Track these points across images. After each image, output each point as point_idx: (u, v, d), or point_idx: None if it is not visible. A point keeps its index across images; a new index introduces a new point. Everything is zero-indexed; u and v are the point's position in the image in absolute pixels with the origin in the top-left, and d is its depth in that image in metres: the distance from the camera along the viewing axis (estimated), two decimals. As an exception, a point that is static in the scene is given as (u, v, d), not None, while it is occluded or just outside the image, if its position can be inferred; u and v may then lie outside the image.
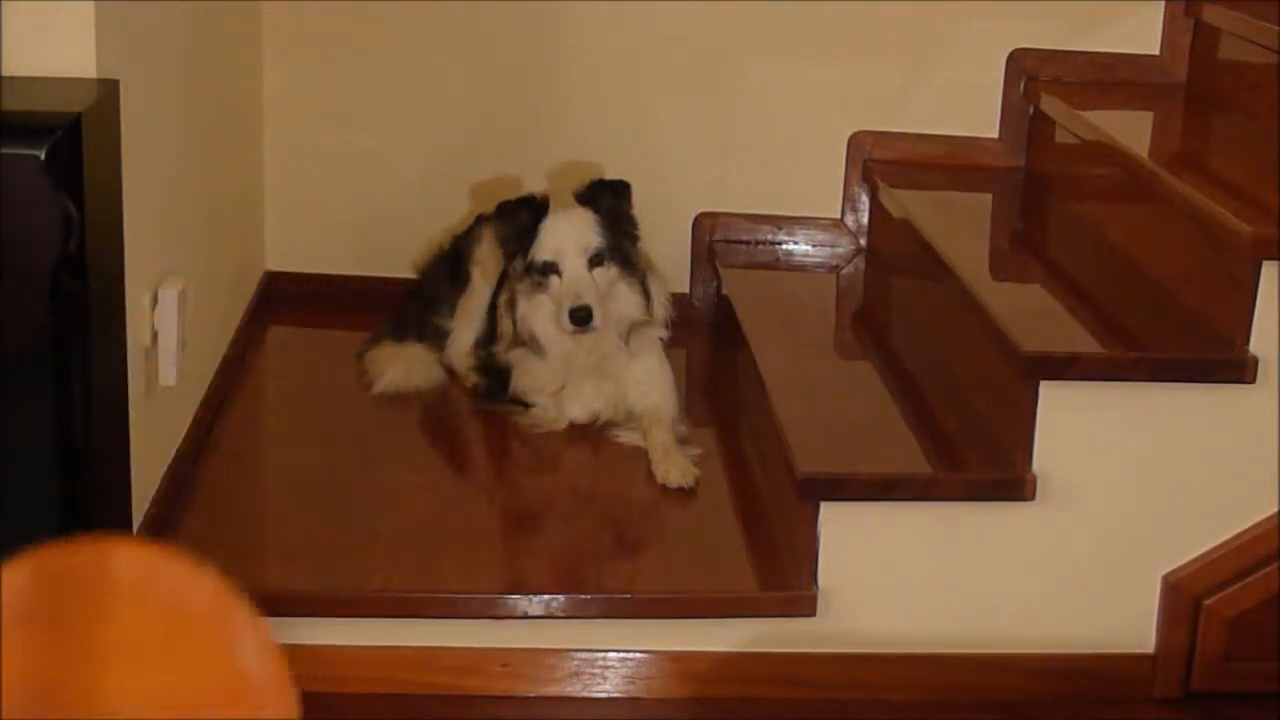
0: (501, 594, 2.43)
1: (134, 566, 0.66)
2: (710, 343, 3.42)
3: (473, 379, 3.09)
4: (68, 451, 1.95)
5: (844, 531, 2.43)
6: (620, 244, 2.86)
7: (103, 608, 0.65)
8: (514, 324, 2.92)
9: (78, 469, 1.97)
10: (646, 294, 2.91)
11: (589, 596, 2.45)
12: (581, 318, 2.76)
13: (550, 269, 2.83)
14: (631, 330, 2.90)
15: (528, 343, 2.91)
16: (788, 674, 2.47)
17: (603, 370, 2.92)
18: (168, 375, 2.48)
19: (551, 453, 2.90)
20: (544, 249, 2.83)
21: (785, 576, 2.48)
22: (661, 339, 2.98)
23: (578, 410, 2.95)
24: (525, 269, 2.86)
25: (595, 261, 2.83)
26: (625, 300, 2.88)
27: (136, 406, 2.28)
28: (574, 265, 2.81)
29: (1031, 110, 3.36)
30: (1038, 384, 2.39)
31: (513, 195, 2.98)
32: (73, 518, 1.97)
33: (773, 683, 2.47)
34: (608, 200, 2.87)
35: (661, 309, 2.98)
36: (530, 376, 2.96)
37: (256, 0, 3.36)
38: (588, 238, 2.83)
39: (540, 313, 2.87)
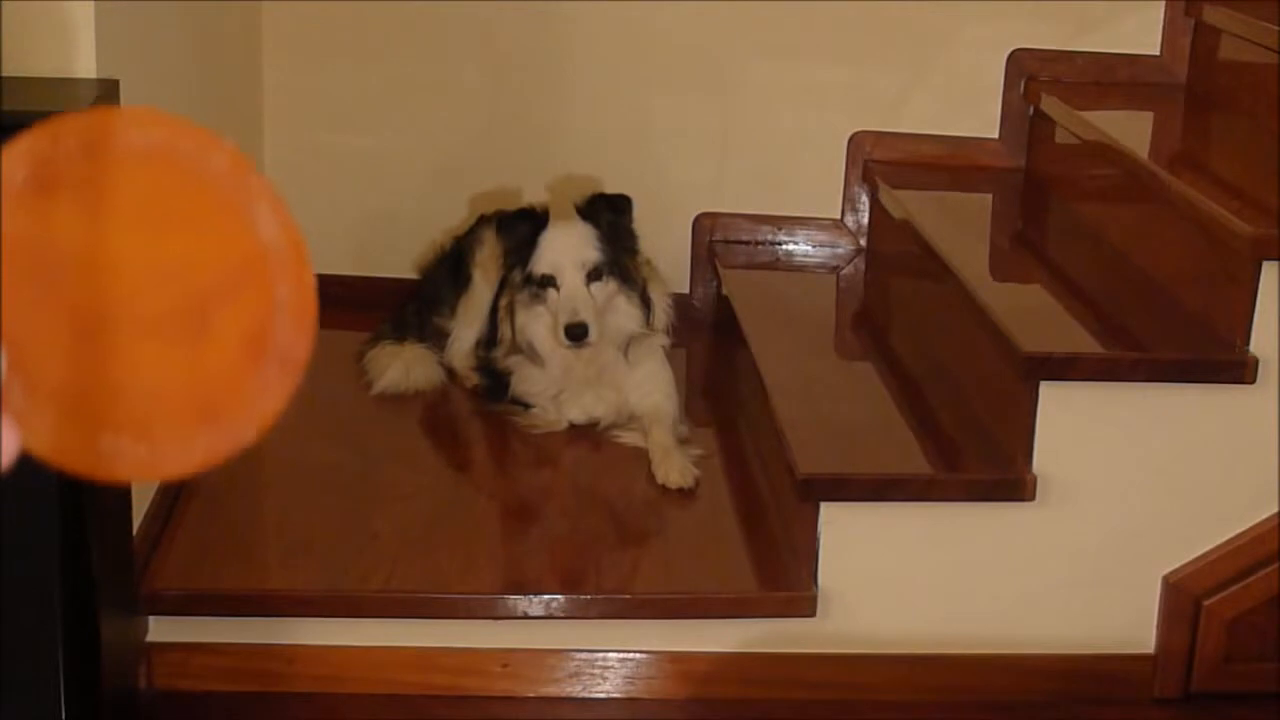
0: (501, 594, 2.43)
1: (151, 131, 0.64)
2: (710, 343, 3.42)
3: (473, 379, 3.09)
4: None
5: (844, 531, 2.43)
6: (619, 258, 2.86)
7: (121, 172, 0.64)
8: (513, 331, 2.92)
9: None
10: (647, 305, 2.91)
11: (589, 597, 2.45)
12: (577, 334, 2.76)
13: (548, 282, 2.83)
14: (631, 342, 2.90)
15: (525, 352, 2.91)
16: (788, 674, 2.47)
17: (602, 380, 2.92)
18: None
19: (551, 453, 2.90)
20: (543, 262, 2.83)
21: (785, 576, 2.48)
22: (663, 346, 2.98)
23: (577, 413, 2.96)
24: (524, 280, 2.87)
25: (593, 276, 2.83)
26: (624, 314, 2.88)
27: (136, 406, 2.28)
28: (572, 279, 2.81)
29: (1031, 110, 3.36)
30: (1038, 384, 2.39)
31: (513, 206, 2.98)
32: (74, 517, 1.97)
33: (773, 683, 2.47)
34: (608, 215, 2.88)
35: (664, 316, 2.98)
36: (529, 382, 2.96)
37: (256, 0, 3.36)
38: (586, 252, 2.83)
39: (538, 324, 2.87)
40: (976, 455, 2.53)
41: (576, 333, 2.76)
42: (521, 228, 2.89)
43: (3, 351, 0.62)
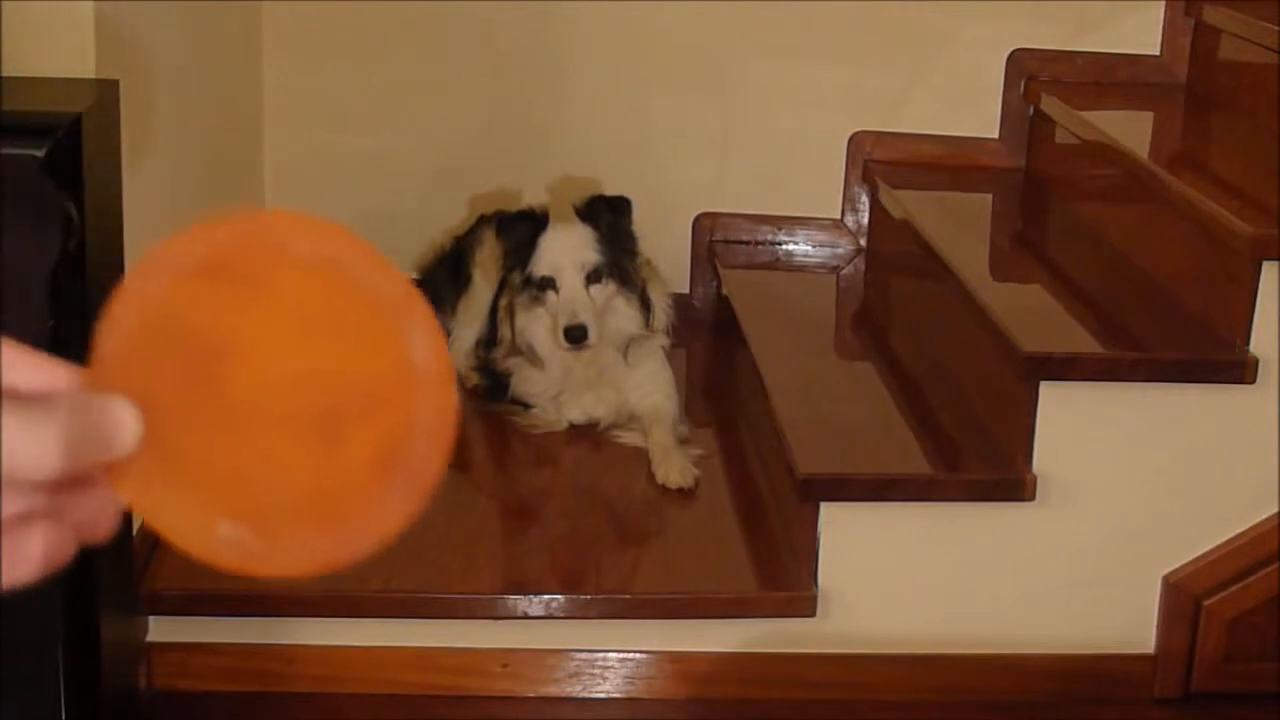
0: (501, 594, 2.43)
1: (325, 245, 0.66)
2: (710, 343, 3.42)
3: (473, 379, 3.09)
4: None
5: (844, 531, 2.43)
6: (619, 260, 2.86)
7: (289, 276, 0.66)
8: (512, 332, 2.93)
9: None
10: (647, 307, 2.91)
11: (589, 597, 2.45)
12: (576, 336, 2.76)
13: (548, 284, 2.83)
14: (630, 343, 2.91)
15: (525, 353, 2.91)
16: (788, 674, 2.47)
17: (602, 380, 2.92)
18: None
19: (551, 453, 2.90)
20: (542, 264, 2.83)
21: (785, 576, 2.48)
22: (663, 347, 2.98)
23: (577, 414, 2.96)
24: (524, 282, 2.87)
25: (593, 278, 2.83)
26: (623, 315, 2.88)
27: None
28: (571, 281, 2.81)
29: (1031, 110, 3.36)
30: (1038, 384, 2.39)
31: (513, 207, 2.99)
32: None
33: (773, 683, 2.47)
34: (607, 216, 2.88)
35: (664, 317, 2.98)
36: (529, 383, 2.96)
37: (256, 0, 3.36)
38: (586, 254, 2.83)
39: (538, 325, 2.87)
40: (976, 455, 2.53)
41: (576, 335, 2.76)
42: (521, 229, 2.89)
43: (132, 418, 0.62)
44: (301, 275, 0.66)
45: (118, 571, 2.19)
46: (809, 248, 3.48)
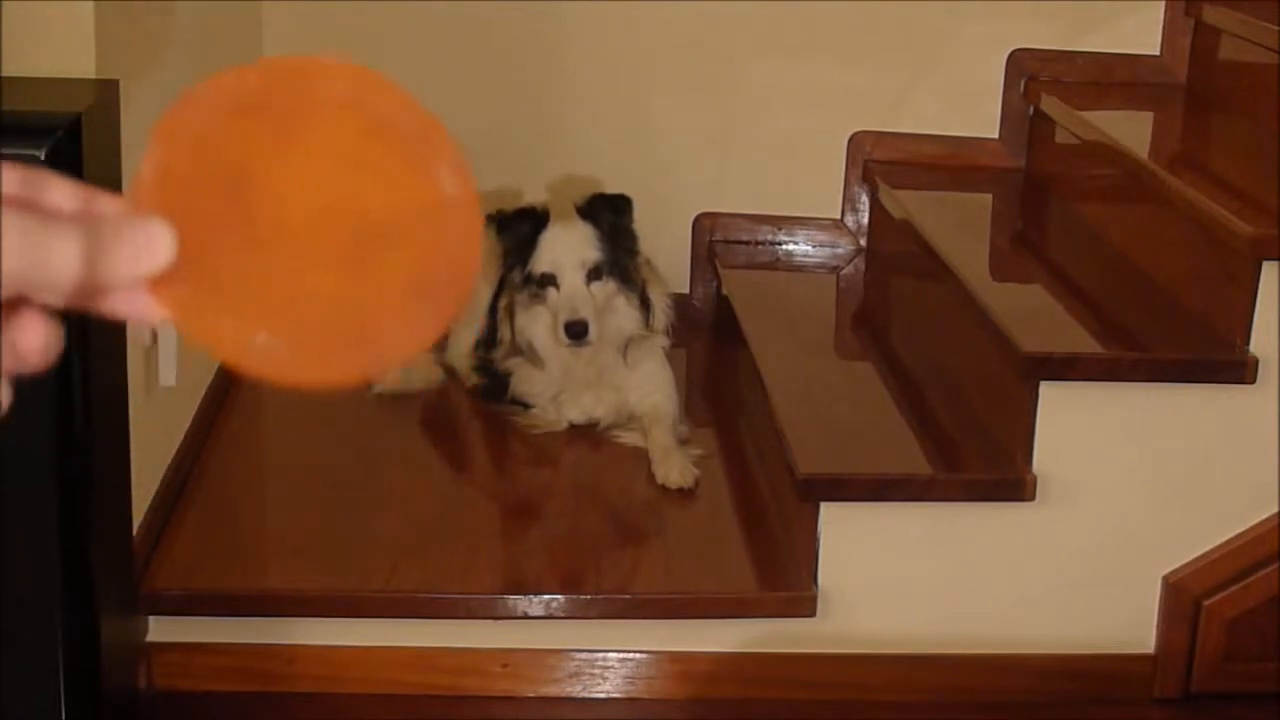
0: (501, 594, 2.43)
1: (352, 84, 0.71)
2: (710, 343, 3.42)
3: (473, 379, 3.09)
4: (68, 451, 1.95)
5: (844, 531, 2.43)
6: (619, 258, 2.87)
7: (319, 114, 0.70)
8: (512, 332, 2.93)
9: (78, 469, 1.97)
10: (647, 306, 2.91)
11: (589, 597, 2.45)
12: (577, 332, 2.76)
13: (548, 281, 2.83)
14: (629, 343, 2.91)
15: (525, 352, 2.91)
16: (788, 674, 2.47)
17: (601, 380, 2.92)
18: (167, 375, 2.48)
19: (551, 453, 2.90)
20: (542, 261, 2.84)
21: (785, 576, 2.48)
22: (663, 347, 2.98)
23: (576, 414, 2.96)
24: (524, 280, 2.87)
25: (593, 276, 2.83)
26: (623, 314, 2.88)
27: (136, 406, 2.29)
28: (571, 279, 2.82)
29: (1031, 110, 3.36)
30: (1038, 384, 2.39)
31: (513, 206, 2.99)
32: (73, 517, 1.97)
33: (773, 683, 2.47)
34: (608, 215, 2.88)
35: (664, 317, 2.98)
36: (529, 383, 2.96)
37: (256, 0, 3.36)
38: (586, 252, 2.83)
39: (538, 324, 2.87)
40: (976, 455, 2.53)
41: (576, 330, 2.76)
42: (522, 227, 2.89)
43: (166, 234, 0.65)
44: (334, 114, 0.69)
45: (118, 571, 2.19)
46: (809, 248, 3.48)
